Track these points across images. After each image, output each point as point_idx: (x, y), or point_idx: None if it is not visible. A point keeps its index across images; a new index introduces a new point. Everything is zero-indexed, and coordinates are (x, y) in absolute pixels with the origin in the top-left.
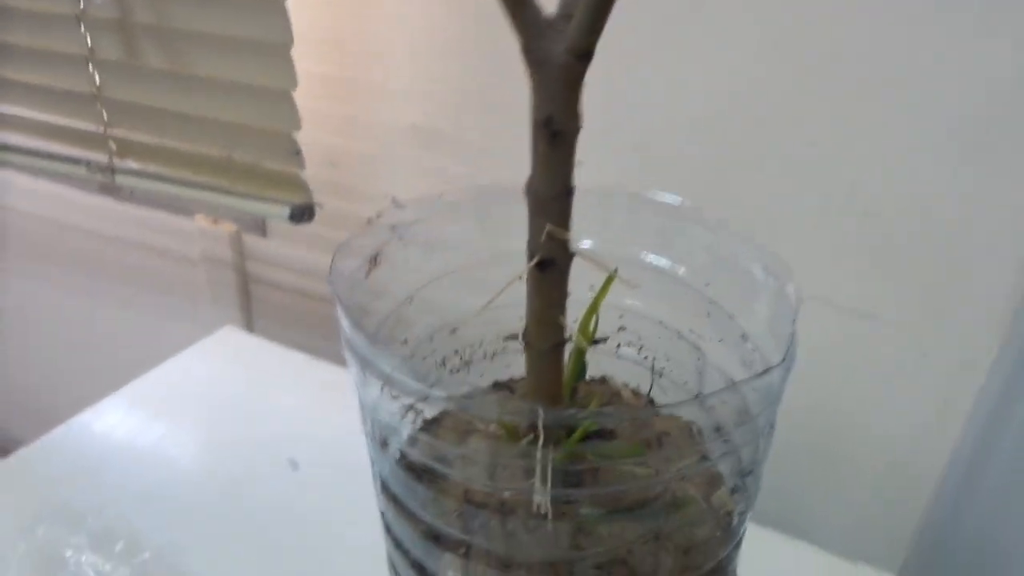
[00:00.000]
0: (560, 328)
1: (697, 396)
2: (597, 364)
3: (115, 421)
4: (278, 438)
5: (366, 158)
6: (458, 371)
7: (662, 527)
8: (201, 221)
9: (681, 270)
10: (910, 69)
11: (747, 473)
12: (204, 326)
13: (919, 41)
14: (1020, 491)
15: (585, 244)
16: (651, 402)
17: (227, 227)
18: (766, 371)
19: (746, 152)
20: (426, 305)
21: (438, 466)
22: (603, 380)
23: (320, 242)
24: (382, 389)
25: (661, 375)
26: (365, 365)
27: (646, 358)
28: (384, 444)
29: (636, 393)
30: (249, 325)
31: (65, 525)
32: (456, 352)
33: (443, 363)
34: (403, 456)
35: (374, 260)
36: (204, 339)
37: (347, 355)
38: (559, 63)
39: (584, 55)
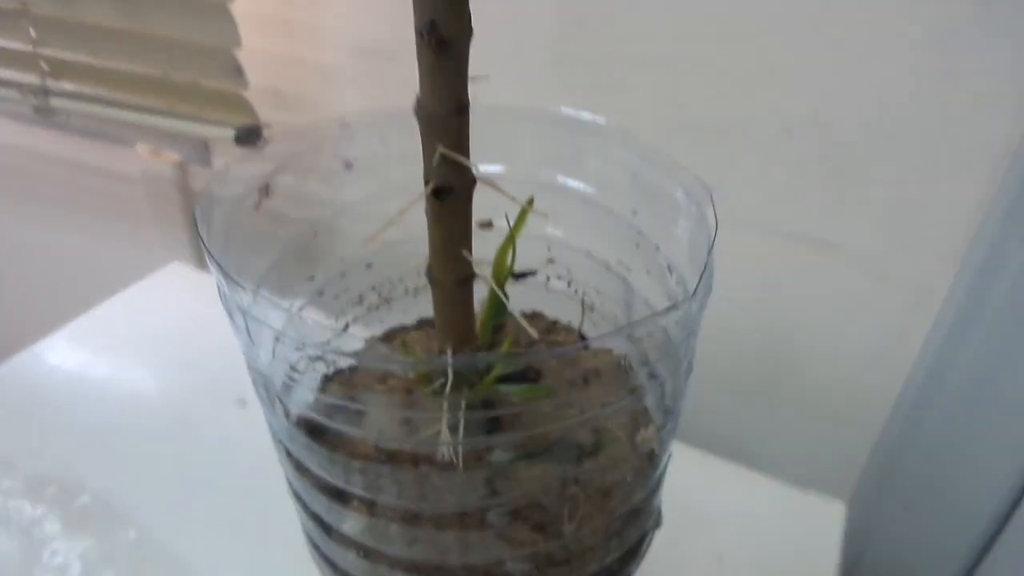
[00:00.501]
0: (465, 262)
1: (617, 330)
2: (531, 298)
3: (59, 359)
4: (227, 376)
5: (313, 83)
6: (377, 308)
7: (582, 469)
8: (142, 152)
9: (607, 197)
10: None
11: (669, 411)
12: (151, 262)
13: None
14: (969, 420)
15: (496, 168)
16: (582, 337)
17: (170, 158)
18: (672, 306)
19: (702, 76)
20: (334, 238)
21: (339, 425)
22: (535, 316)
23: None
24: (274, 347)
25: (592, 309)
26: (251, 321)
27: (576, 291)
28: (277, 401)
29: (567, 329)
30: (199, 260)
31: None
32: (373, 288)
33: (360, 301)
34: (300, 416)
35: (264, 190)
36: (151, 275)
37: (226, 310)
38: None
39: None
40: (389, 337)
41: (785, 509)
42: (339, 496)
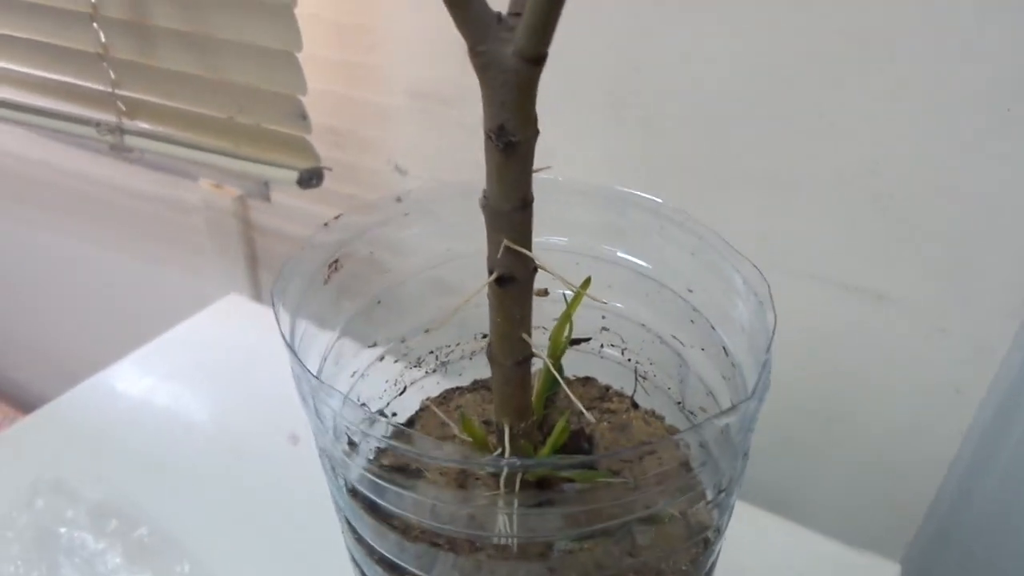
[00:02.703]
0: (524, 344)
1: (674, 436)
2: (582, 363)
3: (123, 388)
4: (281, 411)
5: (371, 124)
6: (434, 372)
7: (637, 545)
8: (205, 185)
9: (663, 273)
10: (930, 45)
11: (724, 495)
12: (209, 291)
13: (939, 15)
14: None
15: (558, 240)
16: (634, 405)
17: (230, 192)
18: (732, 408)
19: (757, 125)
20: (395, 307)
21: (389, 503)
22: (587, 380)
23: (324, 207)
24: (335, 420)
25: (644, 378)
26: (316, 400)
27: (629, 360)
28: (337, 471)
29: (620, 395)
30: (256, 292)
31: (64, 497)
32: (432, 352)
33: (418, 363)
34: (354, 488)
35: (334, 265)
36: (209, 307)
37: (299, 393)
38: (509, 67)
39: (535, 59)
40: (445, 399)
41: (837, 569)
42: (394, 569)
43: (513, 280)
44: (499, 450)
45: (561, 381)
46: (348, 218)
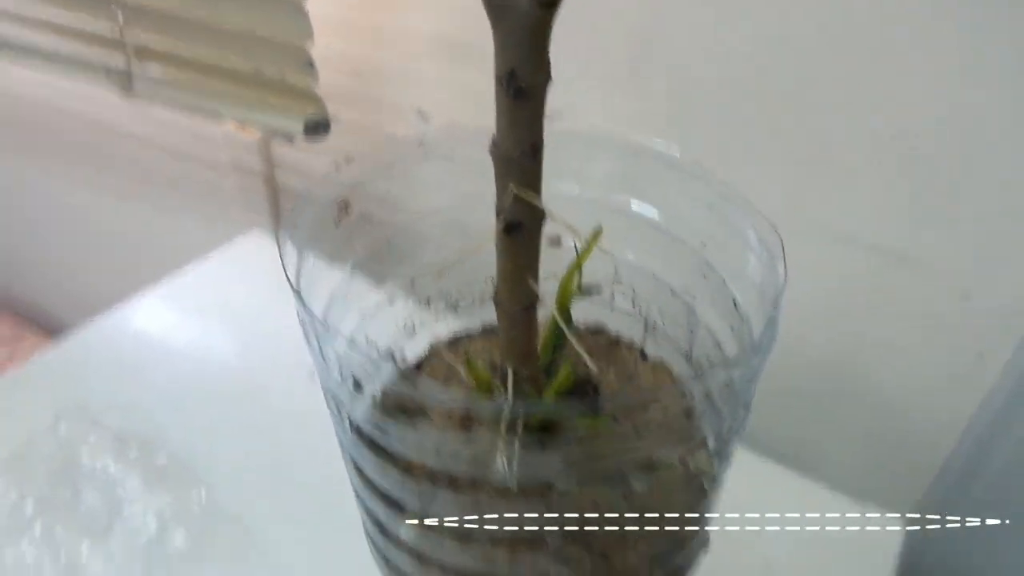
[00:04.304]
0: (530, 290)
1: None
2: (594, 313)
3: (145, 320)
4: (301, 347)
5: (391, 68)
6: (444, 315)
7: (635, 490)
8: (229, 127)
9: (677, 227)
10: (965, 3)
11: (724, 444)
12: (233, 230)
13: None
14: None
15: (571, 188)
16: (643, 355)
17: (254, 134)
18: (737, 360)
19: (788, 86)
20: (408, 249)
21: (393, 443)
22: (598, 330)
23: (347, 150)
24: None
25: (655, 329)
26: (321, 342)
27: (640, 311)
28: (342, 409)
29: (629, 346)
30: (278, 228)
31: (86, 424)
32: (442, 295)
33: (428, 303)
34: (359, 426)
35: (345, 207)
36: (232, 242)
37: (304, 333)
38: (522, 11)
39: (549, 2)
40: (454, 343)
41: (842, 523)
42: (396, 505)
43: (520, 227)
44: (503, 393)
45: (565, 329)
46: (361, 159)
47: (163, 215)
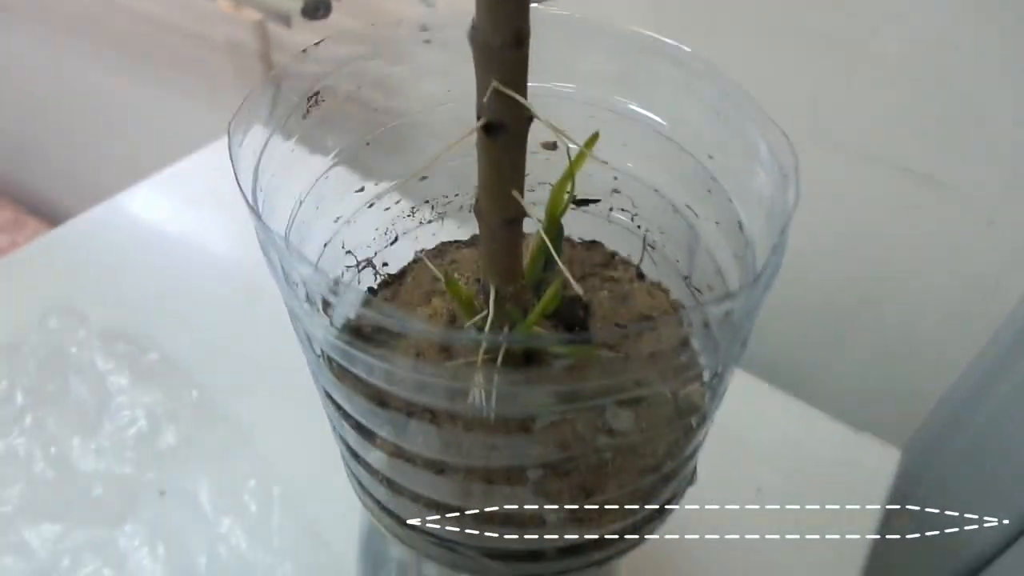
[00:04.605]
0: (514, 201)
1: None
2: (591, 226)
3: (136, 213)
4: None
5: None
6: (430, 223)
7: (619, 423)
8: (223, 6)
9: (682, 135)
10: None
11: (717, 375)
12: (228, 115)
13: None
14: None
15: (565, 87)
16: (639, 275)
17: (250, 14)
18: (735, 293)
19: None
20: (388, 148)
21: (360, 371)
22: (593, 244)
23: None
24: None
25: (653, 247)
26: (284, 263)
27: (639, 227)
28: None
29: (626, 263)
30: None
31: (75, 318)
32: (427, 202)
33: (412, 213)
34: (323, 348)
35: (314, 98)
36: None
37: (260, 245)
38: None
39: None
40: (440, 252)
41: (835, 448)
42: (364, 431)
43: (503, 128)
44: (484, 312)
45: (550, 245)
46: (334, 44)
47: (165, 100)
